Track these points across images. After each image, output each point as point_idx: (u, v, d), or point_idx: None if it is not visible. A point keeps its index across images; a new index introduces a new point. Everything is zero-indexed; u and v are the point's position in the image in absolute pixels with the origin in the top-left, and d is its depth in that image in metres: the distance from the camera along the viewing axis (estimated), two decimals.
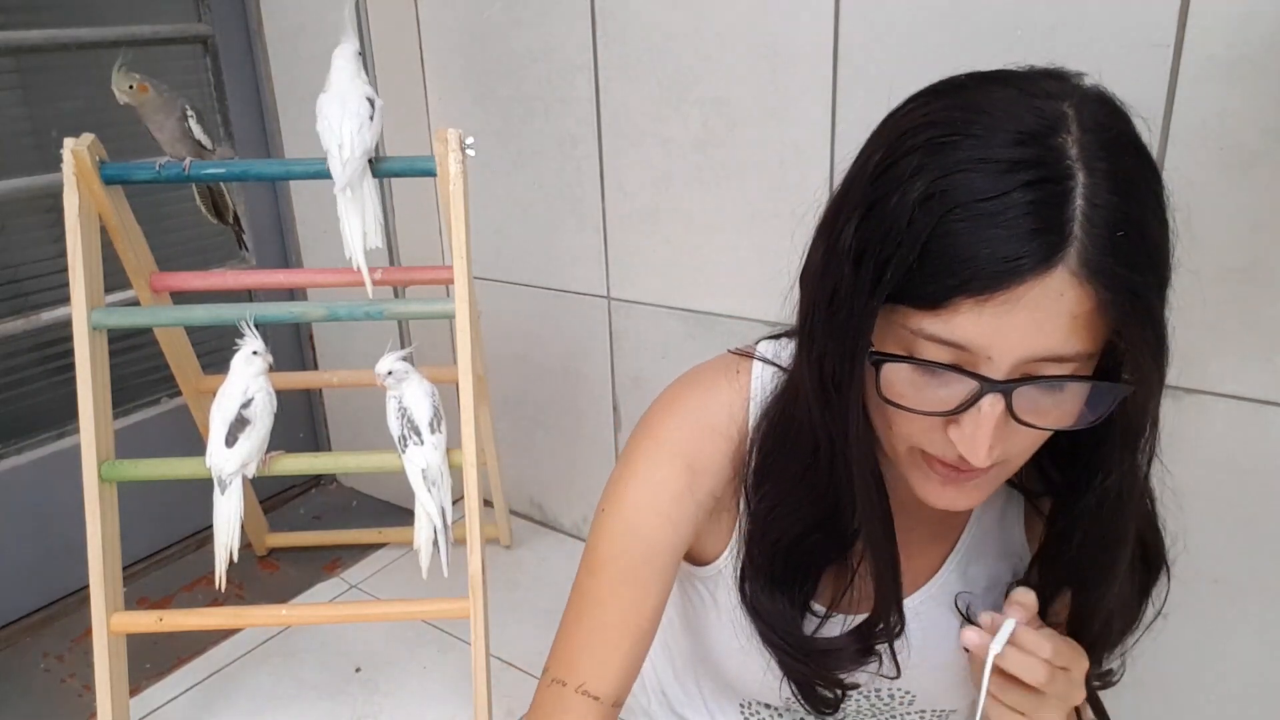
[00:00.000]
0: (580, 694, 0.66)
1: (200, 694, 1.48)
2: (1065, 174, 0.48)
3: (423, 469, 1.24)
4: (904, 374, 0.53)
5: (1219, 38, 0.99)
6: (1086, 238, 0.48)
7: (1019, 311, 0.48)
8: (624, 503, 0.67)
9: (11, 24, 1.54)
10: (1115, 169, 0.49)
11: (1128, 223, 0.49)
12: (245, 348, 1.24)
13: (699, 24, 1.35)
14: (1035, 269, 0.47)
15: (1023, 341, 0.49)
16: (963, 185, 0.48)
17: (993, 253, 0.47)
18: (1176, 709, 1.25)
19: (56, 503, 1.65)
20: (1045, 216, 0.47)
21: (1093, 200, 0.48)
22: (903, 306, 0.51)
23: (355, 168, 1.20)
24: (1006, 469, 0.58)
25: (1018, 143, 0.49)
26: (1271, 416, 1.07)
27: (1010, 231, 0.47)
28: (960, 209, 0.48)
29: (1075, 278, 0.48)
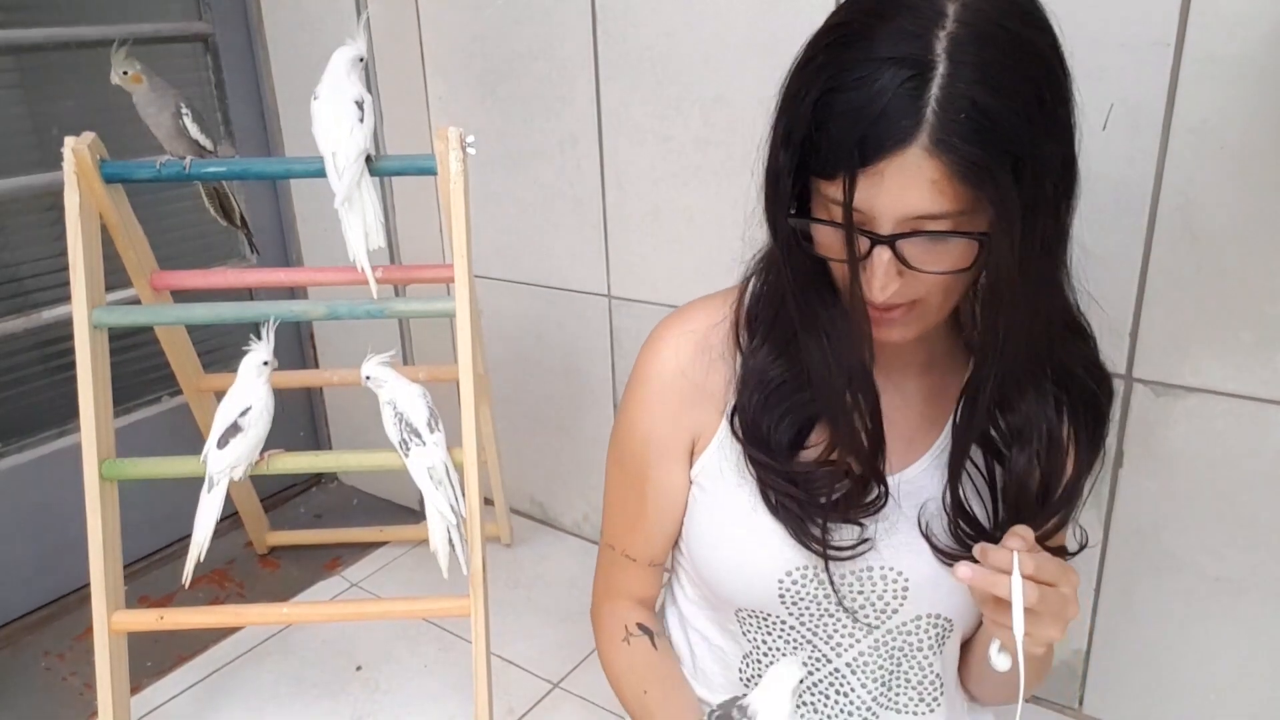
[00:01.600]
0: (624, 556, 0.90)
1: (201, 692, 1.49)
2: (928, 65, 0.58)
3: (429, 468, 1.24)
4: (824, 231, 0.66)
5: (1219, 38, 0.99)
6: (936, 120, 0.58)
7: (886, 180, 0.60)
8: (626, 403, 0.86)
9: (11, 23, 1.54)
10: (978, 59, 0.58)
11: (975, 107, 0.58)
12: (256, 356, 1.24)
13: (699, 24, 1.35)
14: (895, 147, 0.59)
15: (894, 203, 0.61)
16: (848, 80, 0.60)
17: (863, 134, 0.59)
18: (1176, 708, 1.25)
19: (57, 501, 1.65)
20: (904, 102, 0.58)
21: (948, 88, 0.58)
22: (815, 178, 0.64)
23: (351, 175, 1.20)
24: (927, 309, 0.69)
25: (896, 40, 0.59)
26: (1271, 416, 1.07)
27: (874, 117, 0.59)
28: (842, 98, 0.60)
29: (927, 152, 0.59)
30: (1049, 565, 0.66)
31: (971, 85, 0.58)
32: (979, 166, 0.59)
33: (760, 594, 0.81)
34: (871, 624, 0.81)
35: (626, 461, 0.87)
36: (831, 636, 0.83)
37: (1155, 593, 1.22)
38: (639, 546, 0.89)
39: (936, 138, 0.58)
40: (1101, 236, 1.11)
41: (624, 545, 0.90)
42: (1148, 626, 1.24)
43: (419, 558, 1.81)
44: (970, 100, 0.58)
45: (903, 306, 0.68)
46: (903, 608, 0.81)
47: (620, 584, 0.92)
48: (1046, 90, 0.61)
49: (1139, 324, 1.13)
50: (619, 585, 0.92)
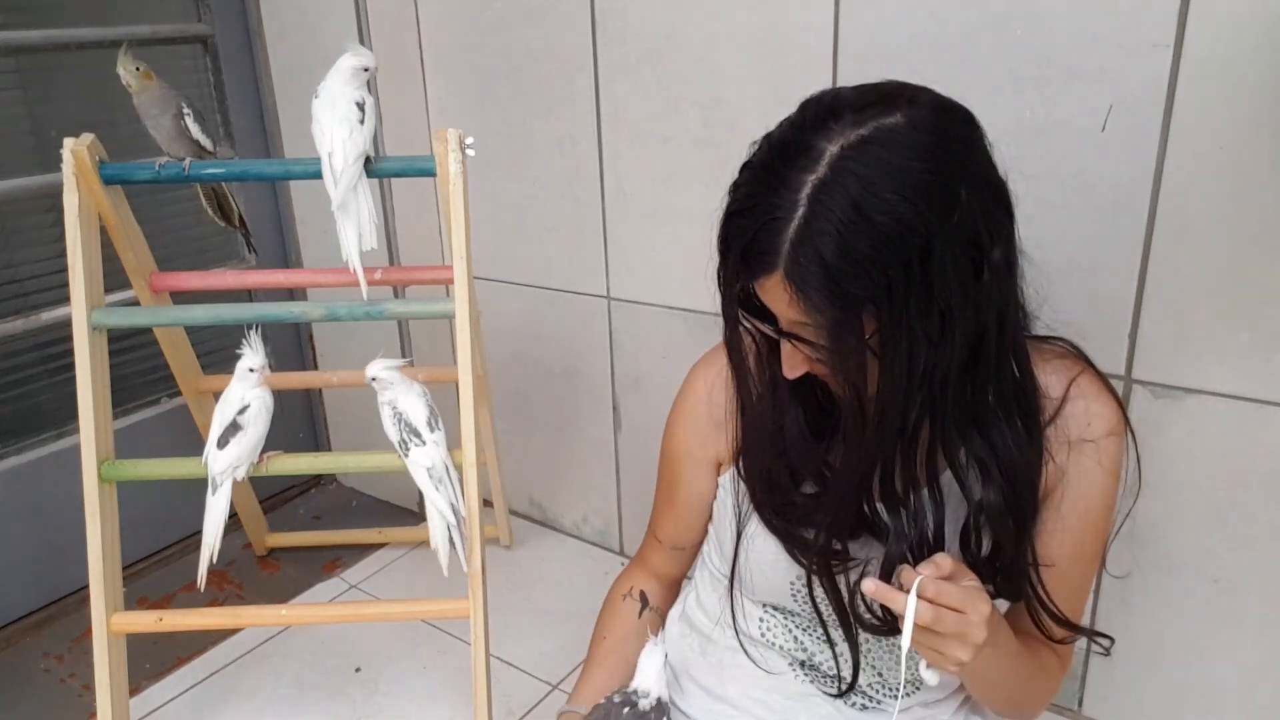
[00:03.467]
0: (653, 537, 1.06)
1: (200, 694, 1.48)
2: (791, 208, 0.67)
3: (428, 468, 1.24)
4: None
5: (1219, 38, 0.99)
6: (790, 258, 0.67)
7: (767, 293, 0.71)
8: (671, 414, 1.00)
9: (11, 24, 1.54)
10: (830, 211, 0.66)
11: (819, 256, 0.66)
12: (243, 362, 1.24)
13: (699, 24, 1.35)
14: (762, 272, 0.69)
15: (776, 309, 0.72)
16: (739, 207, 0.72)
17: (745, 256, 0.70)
18: (1176, 709, 1.25)
19: (56, 503, 1.65)
20: (769, 238, 0.68)
21: (800, 233, 0.66)
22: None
23: (349, 178, 1.20)
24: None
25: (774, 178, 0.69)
26: (1271, 416, 1.07)
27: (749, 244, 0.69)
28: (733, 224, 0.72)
29: (784, 282, 0.68)
30: (952, 591, 0.71)
31: (819, 235, 0.66)
32: (815, 303, 0.67)
33: (777, 590, 0.91)
34: (874, 625, 0.84)
35: (665, 461, 1.01)
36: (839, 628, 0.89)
37: (1154, 593, 1.22)
38: (666, 530, 1.04)
39: (788, 272, 0.67)
40: (1101, 237, 1.12)
41: (655, 526, 1.06)
42: (1147, 627, 1.24)
43: (418, 559, 1.80)
44: (814, 248, 0.66)
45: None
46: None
47: (647, 556, 1.08)
48: (913, 248, 0.65)
49: (1138, 324, 1.13)
50: (646, 557, 1.08)
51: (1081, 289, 1.14)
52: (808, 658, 0.93)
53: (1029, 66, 1.10)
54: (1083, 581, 0.88)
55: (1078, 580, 0.87)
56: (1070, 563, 0.85)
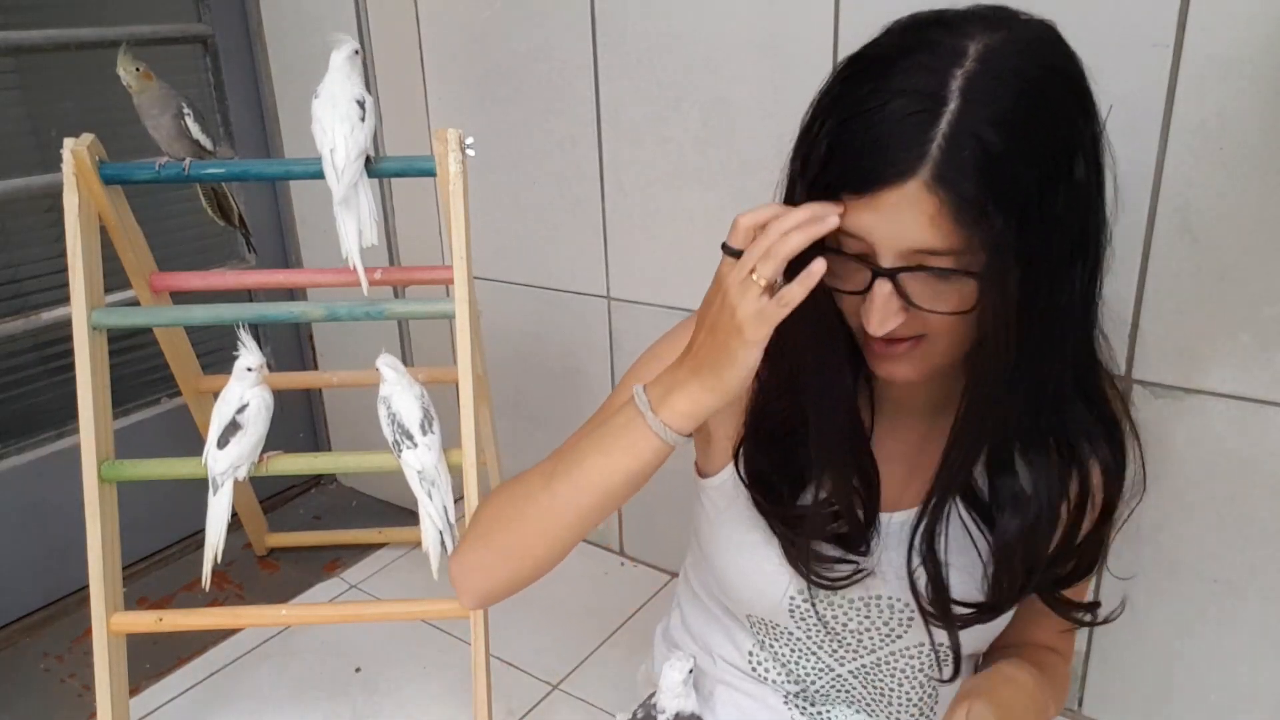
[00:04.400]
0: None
1: (200, 694, 1.48)
2: (940, 100, 0.57)
3: (419, 471, 1.24)
4: (834, 259, 0.63)
5: (1219, 38, 0.99)
6: (940, 155, 0.57)
7: (885, 210, 0.59)
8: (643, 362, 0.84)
9: (11, 24, 1.54)
10: (993, 100, 0.57)
11: (980, 145, 0.57)
12: (241, 361, 1.24)
13: (699, 24, 1.35)
14: (896, 178, 0.58)
15: (893, 236, 0.60)
16: (857, 109, 0.60)
17: (868, 162, 0.59)
18: (1176, 710, 1.25)
19: (56, 503, 1.65)
20: (910, 133, 0.57)
21: (956, 124, 0.57)
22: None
23: (351, 174, 1.20)
24: (931, 350, 0.67)
25: (911, 74, 0.59)
26: (1271, 416, 1.07)
27: (882, 143, 0.58)
28: (849, 126, 0.60)
29: (926, 187, 0.57)
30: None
31: (981, 124, 0.57)
32: (976, 206, 0.57)
33: (772, 607, 0.83)
34: (875, 646, 0.82)
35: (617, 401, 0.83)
36: (836, 650, 0.84)
37: (1154, 594, 1.22)
38: None
39: (938, 173, 0.57)
40: None
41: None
42: (1147, 628, 1.24)
43: (418, 560, 1.80)
44: (977, 138, 0.57)
45: (908, 341, 0.66)
46: (907, 633, 0.81)
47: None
48: (1067, 151, 0.60)
49: (1138, 325, 1.13)
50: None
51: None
52: (801, 689, 0.87)
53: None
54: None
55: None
56: None
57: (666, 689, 0.87)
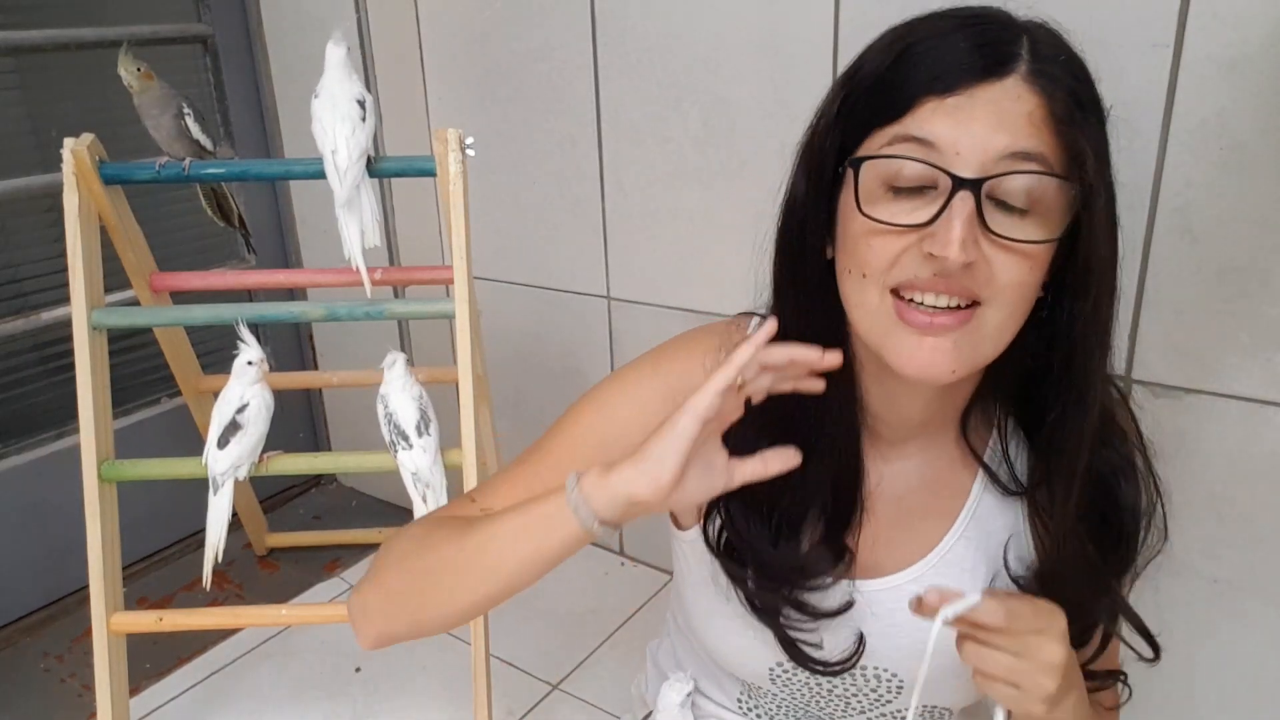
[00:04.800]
0: (471, 501, 0.76)
1: (200, 694, 1.48)
2: (1013, 24, 0.57)
3: (413, 473, 1.25)
4: (879, 192, 0.57)
5: (1219, 38, 0.99)
6: (1032, 57, 0.55)
7: (979, 106, 0.54)
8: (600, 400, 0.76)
9: (11, 24, 1.54)
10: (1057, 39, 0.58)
11: (1068, 54, 0.57)
12: (242, 356, 1.24)
13: (699, 24, 1.35)
14: (989, 73, 0.54)
15: (985, 136, 0.54)
16: (920, 31, 0.57)
17: (954, 59, 0.55)
18: (1176, 709, 1.25)
19: (56, 503, 1.65)
20: (995, 38, 0.55)
21: (1036, 39, 0.56)
22: (875, 131, 0.57)
23: (353, 175, 1.20)
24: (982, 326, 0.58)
25: (978, 18, 0.57)
26: (1271, 416, 1.07)
27: (965, 47, 0.55)
28: (923, 44, 0.56)
29: (1026, 82, 0.54)
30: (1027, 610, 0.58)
31: (1056, 44, 0.57)
32: (1082, 104, 0.55)
33: (752, 673, 0.78)
34: (865, 708, 0.77)
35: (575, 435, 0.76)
36: (825, 707, 0.79)
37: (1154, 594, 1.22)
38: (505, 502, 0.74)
39: (1037, 69, 0.54)
40: None
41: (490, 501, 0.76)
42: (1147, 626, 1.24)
43: None
44: (1062, 47, 0.57)
45: (957, 313, 0.58)
46: (896, 699, 0.76)
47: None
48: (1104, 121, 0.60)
49: (1138, 324, 1.13)
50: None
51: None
52: None
53: None
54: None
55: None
56: None
57: (664, 709, 0.85)
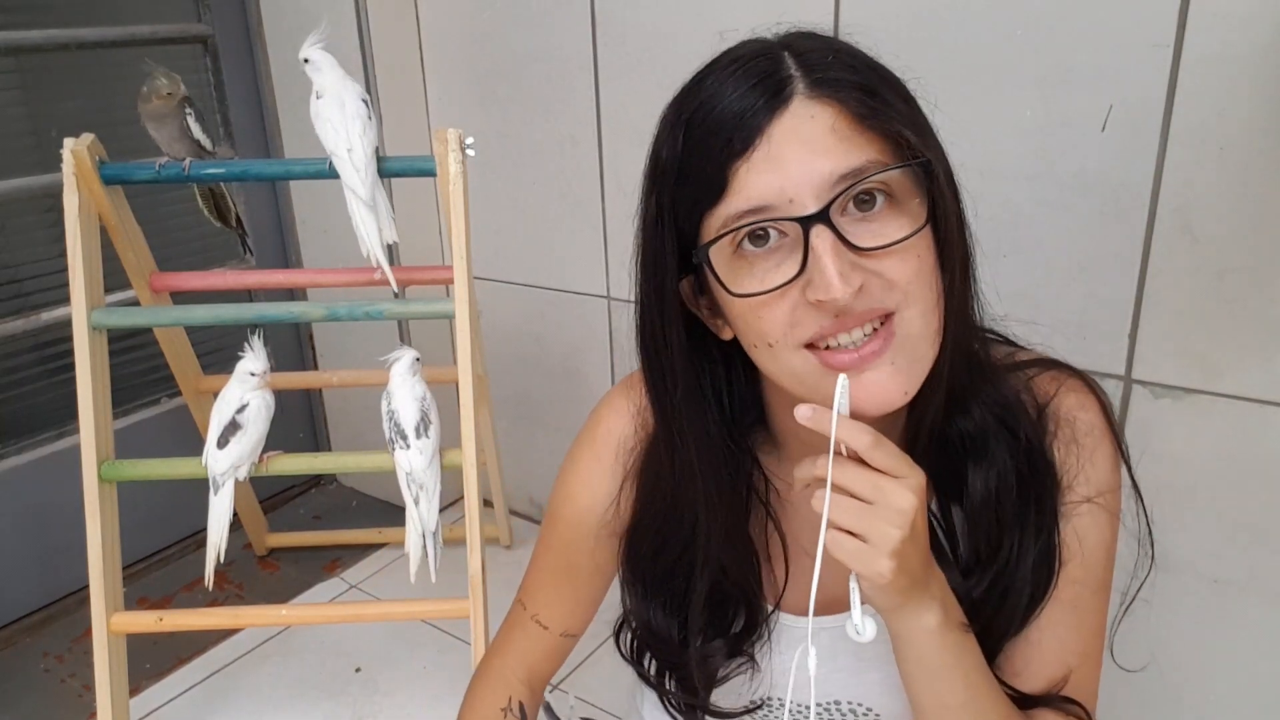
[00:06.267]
0: (534, 621, 0.81)
1: (200, 694, 1.48)
2: (772, 51, 0.56)
3: (407, 473, 1.25)
4: (741, 266, 0.56)
5: (1219, 38, 0.99)
6: (804, 72, 0.54)
7: (785, 146, 0.53)
8: (564, 478, 0.79)
9: (11, 24, 1.54)
10: (817, 43, 0.57)
11: (835, 51, 0.55)
12: (244, 365, 1.24)
13: (699, 24, 1.35)
14: (771, 106, 0.53)
15: (803, 169, 0.53)
16: (694, 100, 0.57)
17: (734, 112, 0.53)
18: (1176, 709, 1.25)
19: (56, 503, 1.65)
20: (762, 72, 0.54)
21: (800, 54, 0.55)
22: (706, 217, 0.56)
23: (372, 171, 1.21)
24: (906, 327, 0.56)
25: (736, 60, 0.57)
26: (1271, 416, 1.07)
27: (739, 94, 0.54)
28: (699, 112, 0.56)
29: (811, 98, 0.53)
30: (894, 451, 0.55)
31: (822, 44, 0.56)
32: (874, 92, 0.54)
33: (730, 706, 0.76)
34: None
35: (560, 526, 0.79)
36: None
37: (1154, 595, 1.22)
38: (557, 613, 0.81)
39: (812, 80, 0.53)
40: (1101, 237, 1.12)
41: (538, 607, 0.81)
42: (1147, 627, 1.24)
43: None
44: (829, 48, 0.55)
45: (880, 329, 0.56)
46: None
47: (521, 648, 0.82)
48: (905, 91, 0.58)
49: (1138, 324, 1.13)
50: (522, 647, 0.82)
51: (1081, 289, 1.14)
52: None
53: (1029, 66, 1.10)
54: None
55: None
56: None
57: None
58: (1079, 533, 0.67)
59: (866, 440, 0.54)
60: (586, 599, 0.81)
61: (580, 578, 0.79)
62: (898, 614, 0.59)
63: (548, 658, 0.82)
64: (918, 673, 0.62)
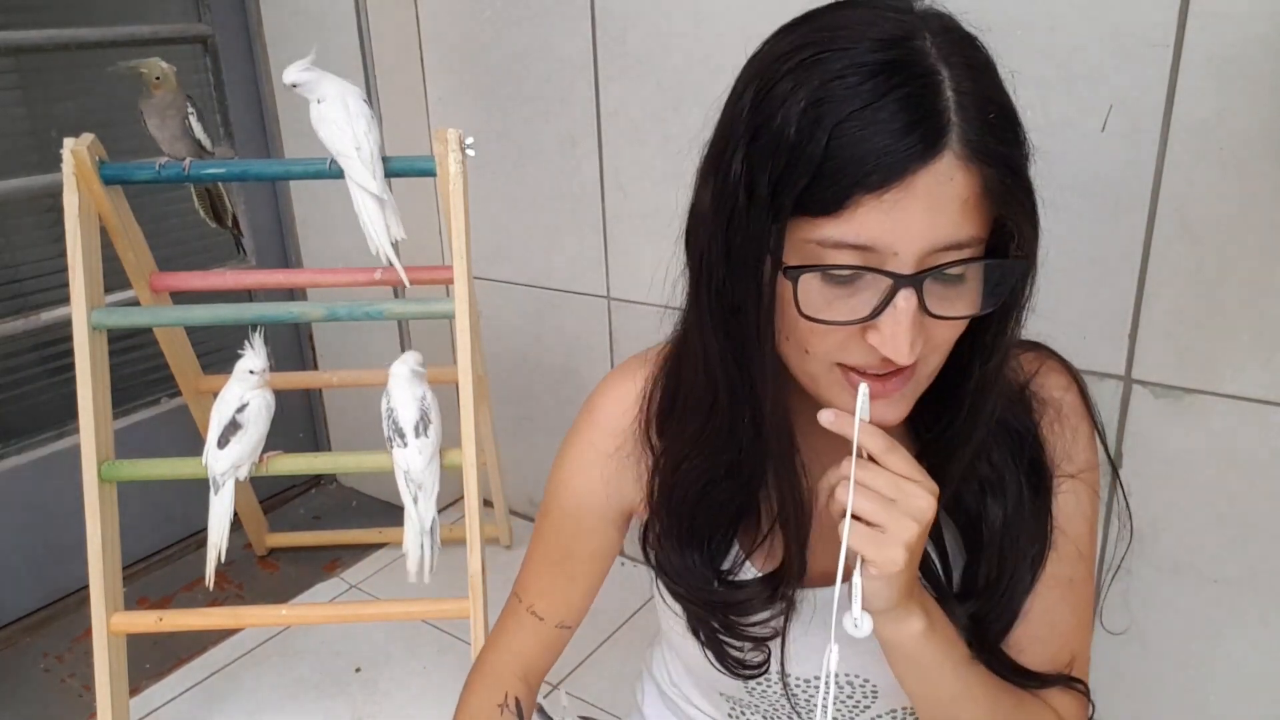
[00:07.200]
0: (529, 613, 0.81)
1: (200, 694, 1.48)
2: (931, 70, 0.51)
3: (405, 471, 1.25)
4: (816, 286, 0.54)
5: (1219, 38, 0.99)
6: (963, 123, 0.50)
7: (914, 200, 0.50)
8: (560, 465, 0.78)
9: (11, 24, 1.54)
10: (969, 61, 0.53)
11: (993, 104, 0.52)
12: (243, 364, 1.24)
13: (699, 24, 1.35)
14: (924, 156, 0.50)
15: (922, 231, 0.51)
16: (839, 92, 0.50)
17: (883, 147, 0.49)
18: (1176, 709, 1.25)
19: (56, 503, 1.65)
20: (922, 109, 0.50)
21: (959, 89, 0.50)
22: (804, 219, 0.53)
23: (381, 168, 1.21)
24: (921, 376, 0.59)
25: (881, 48, 0.51)
26: (1271, 416, 1.07)
27: (894, 126, 0.49)
28: (842, 114, 0.50)
29: (960, 160, 0.50)
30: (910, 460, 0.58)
31: (975, 85, 0.51)
32: (1016, 176, 0.52)
33: (728, 685, 0.77)
34: (847, 715, 0.77)
35: (555, 515, 0.78)
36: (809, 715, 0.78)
37: (1154, 595, 1.22)
38: (553, 603, 0.80)
39: (967, 139, 0.50)
40: (1101, 237, 1.12)
41: (533, 599, 0.81)
42: (1146, 627, 1.24)
43: None
44: (988, 98, 0.51)
45: (903, 374, 0.57)
46: (874, 704, 0.76)
47: (518, 642, 0.82)
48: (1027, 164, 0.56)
49: (1138, 325, 1.13)
50: (515, 643, 0.82)
51: (1081, 289, 1.14)
52: None
53: (1029, 66, 1.10)
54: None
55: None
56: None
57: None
58: (1065, 509, 0.69)
59: (883, 444, 0.57)
60: (583, 588, 0.80)
61: (576, 566, 0.79)
62: (891, 616, 0.61)
63: (544, 651, 0.82)
64: (911, 673, 0.65)
